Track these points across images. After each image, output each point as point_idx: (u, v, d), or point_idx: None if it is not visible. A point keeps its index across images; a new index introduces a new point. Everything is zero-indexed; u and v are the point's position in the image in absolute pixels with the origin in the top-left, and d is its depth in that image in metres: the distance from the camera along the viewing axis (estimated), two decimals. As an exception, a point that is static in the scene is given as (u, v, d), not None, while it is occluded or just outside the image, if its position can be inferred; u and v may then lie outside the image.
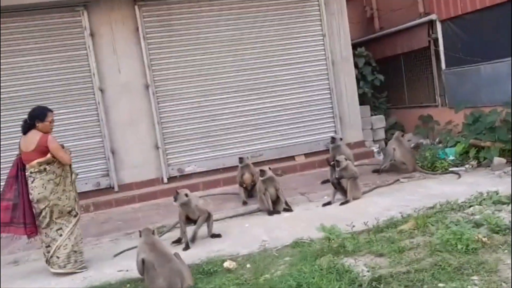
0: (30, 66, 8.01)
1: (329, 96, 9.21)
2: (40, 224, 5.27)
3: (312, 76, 9.17)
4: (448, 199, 5.70)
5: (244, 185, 7.32)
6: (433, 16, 9.69)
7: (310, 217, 6.15)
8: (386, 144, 8.93)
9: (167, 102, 8.60)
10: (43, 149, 5.17)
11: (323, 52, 9.17)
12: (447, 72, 9.61)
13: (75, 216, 5.38)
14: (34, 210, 5.26)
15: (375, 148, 9.52)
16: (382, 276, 3.93)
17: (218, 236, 5.78)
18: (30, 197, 5.24)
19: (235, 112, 8.84)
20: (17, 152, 5.42)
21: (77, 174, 5.59)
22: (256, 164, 7.76)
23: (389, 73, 11.11)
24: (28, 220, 5.25)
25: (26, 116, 5.35)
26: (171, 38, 8.55)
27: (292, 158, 9.08)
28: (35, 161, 5.16)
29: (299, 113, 9.10)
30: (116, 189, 8.34)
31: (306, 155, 9.11)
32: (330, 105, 9.21)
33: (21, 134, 5.35)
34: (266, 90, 8.96)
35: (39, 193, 5.17)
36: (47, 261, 5.33)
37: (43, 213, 5.22)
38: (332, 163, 7.10)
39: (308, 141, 9.13)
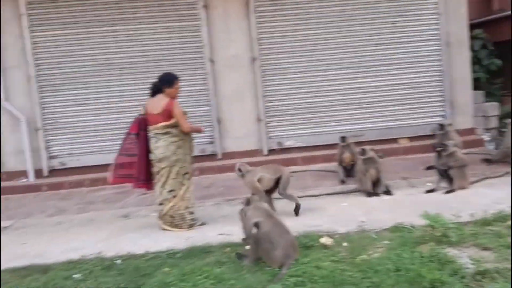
0: (144, 34, 8.45)
1: (440, 78, 8.81)
2: (157, 182, 5.62)
3: (423, 56, 8.80)
4: None
5: (344, 164, 7.28)
6: None
7: (411, 202, 5.99)
8: (499, 133, 8.40)
9: (271, 76, 8.71)
10: (168, 113, 5.43)
11: (437, 32, 8.75)
12: None
13: (188, 179, 5.66)
14: (152, 168, 5.61)
15: (486, 137, 8.98)
16: (487, 271, 3.78)
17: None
18: (152, 155, 5.57)
19: (339, 89, 8.76)
20: (137, 113, 5.78)
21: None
22: (357, 143, 7.65)
23: (507, 58, 10.36)
24: (144, 176, 5.63)
25: (153, 80, 5.62)
26: (280, 12, 8.60)
27: (395, 140, 8.85)
28: (161, 124, 5.44)
29: (407, 95, 8.82)
30: (219, 156, 8.67)
31: (411, 138, 8.84)
32: (441, 88, 8.81)
33: (130, 98, 5.65)
34: (373, 69, 8.77)
35: (161, 153, 5.47)
36: (160, 217, 5.68)
37: (162, 172, 5.53)
38: (438, 149, 6.83)
39: (413, 124, 8.84)
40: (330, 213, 5.81)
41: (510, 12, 10.24)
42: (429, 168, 7.30)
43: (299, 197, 6.56)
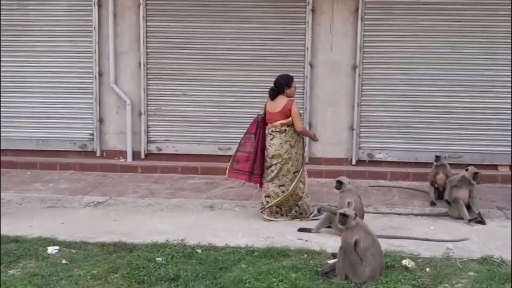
0: (251, 33, 8.58)
1: (553, 106, 8.18)
2: (266, 177, 6.09)
3: (537, 80, 8.22)
4: None
5: (436, 185, 6.99)
6: None
7: (504, 235, 5.64)
8: None
9: (371, 86, 8.53)
10: (286, 112, 5.89)
11: (551, 56, 8.12)
12: None
13: (298, 177, 5.99)
14: (265, 163, 6.06)
15: None
16: None
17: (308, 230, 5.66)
18: (266, 152, 6.02)
19: (441, 107, 8.40)
20: (257, 112, 6.41)
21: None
22: (453, 166, 7.31)
23: None
24: (259, 171, 6.11)
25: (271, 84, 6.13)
26: (389, 22, 8.39)
27: (495, 167, 8.35)
28: (278, 122, 5.90)
29: (513, 120, 8.29)
30: (306, 160, 8.64)
31: (512, 167, 8.31)
32: (552, 116, 8.19)
33: (230, 94, 6.21)
34: (478, 89, 8.31)
35: (275, 150, 5.91)
36: (262, 209, 6.13)
37: (272, 168, 5.99)
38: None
39: (517, 152, 8.29)
40: (416, 235, 5.62)
41: None
42: (530, 201, 6.84)
43: (384, 214, 6.47)
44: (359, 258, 4.22)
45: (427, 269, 4.54)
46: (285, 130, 5.91)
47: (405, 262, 4.58)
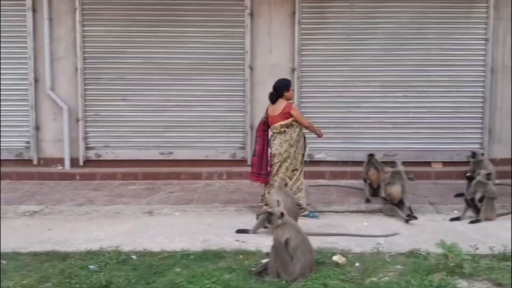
0: (189, 37, 8.60)
1: (481, 105, 8.60)
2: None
3: (466, 81, 8.63)
4: None
5: (369, 181, 7.23)
6: None
7: (433, 229, 5.91)
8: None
9: (309, 88, 8.71)
10: (286, 114, 6.21)
11: (483, 58, 8.55)
12: None
13: (296, 175, 6.27)
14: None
15: (524, 169, 8.70)
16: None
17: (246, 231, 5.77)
18: (269, 151, 6.37)
19: (377, 107, 8.68)
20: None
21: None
22: (388, 164, 7.56)
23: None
24: (263, 171, 6.38)
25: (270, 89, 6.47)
26: (325, 25, 8.60)
27: (428, 164, 8.70)
28: (278, 123, 6.22)
29: (445, 118, 8.64)
30: (249, 162, 8.74)
31: (444, 163, 8.67)
32: (481, 115, 8.61)
33: (169, 98, 6.16)
34: (412, 89, 8.65)
35: (275, 149, 6.26)
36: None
37: (273, 166, 6.30)
38: (467, 175, 6.72)
39: (448, 149, 8.65)
40: (349, 231, 5.79)
41: None
42: (458, 195, 7.17)
43: (322, 212, 6.64)
44: (290, 257, 4.32)
45: (357, 264, 4.70)
46: (284, 131, 6.22)
47: (335, 258, 4.73)
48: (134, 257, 4.91)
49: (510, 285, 4.10)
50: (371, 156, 7.34)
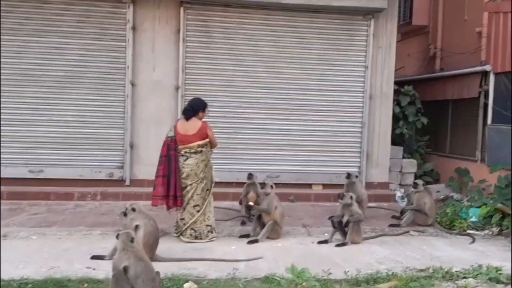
0: (68, 48, 8.16)
1: (359, 130, 8.87)
2: (183, 198, 6.08)
3: (346, 106, 8.87)
4: (445, 265, 5.27)
5: (246, 204, 7.12)
6: (487, 67, 9.12)
7: (299, 252, 5.87)
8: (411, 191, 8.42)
9: (194, 107, 8.55)
10: (202, 134, 6.09)
11: (362, 85, 8.85)
12: (491, 128, 9.01)
13: (209, 195, 6.18)
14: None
15: (399, 193, 9.04)
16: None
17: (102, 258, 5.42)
18: (179, 173, 6.02)
19: (259, 129, 8.68)
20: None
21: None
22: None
23: (435, 117, 10.58)
24: (178, 193, 6.06)
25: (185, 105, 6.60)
26: (210, 44, 8.51)
27: (309, 186, 8.80)
28: (195, 143, 6.05)
29: (325, 142, 8.81)
30: (127, 182, 8.37)
31: (324, 185, 8.81)
32: (359, 139, 8.87)
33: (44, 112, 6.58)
34: (295, 112, 8.75)
35: (191, 170, 6.03)
36: (180, 233, 6.12)
37: (188, 188, 6.08)
38: (339, 194, 6.81)
39: (329, 171, 8.81)
40: (214, 256, 5.60)
41: (442, 73, 10.52)
42: (331, 217, 7.23)
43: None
44: (130, 286, 4.02)
45: (208, 291, 4.51)
46: (201, 151, 6.09)
47: (187, 285, 4.52)
48: (-38, 287, 4.38)
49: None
50: (250, 175, 7.24)
